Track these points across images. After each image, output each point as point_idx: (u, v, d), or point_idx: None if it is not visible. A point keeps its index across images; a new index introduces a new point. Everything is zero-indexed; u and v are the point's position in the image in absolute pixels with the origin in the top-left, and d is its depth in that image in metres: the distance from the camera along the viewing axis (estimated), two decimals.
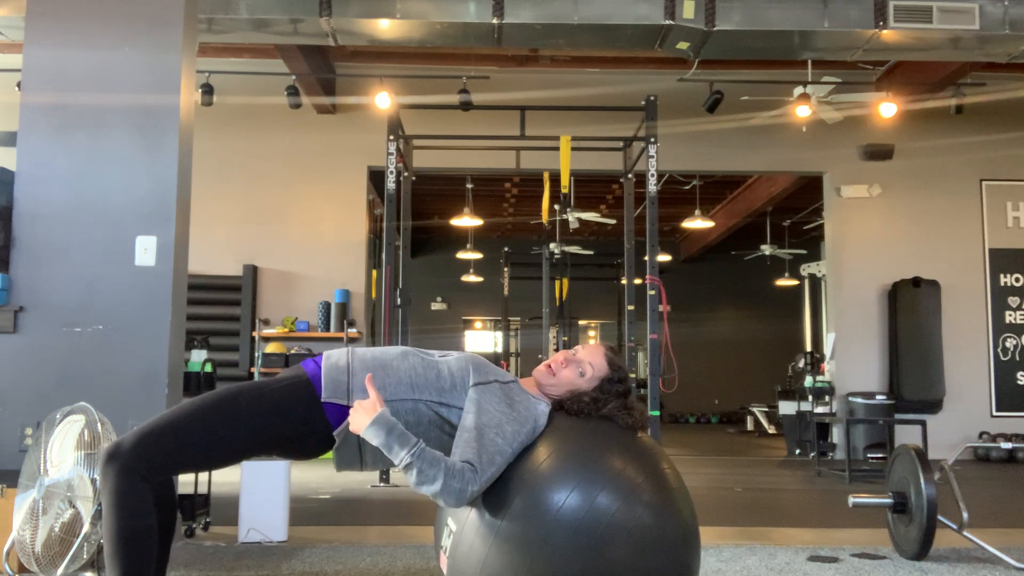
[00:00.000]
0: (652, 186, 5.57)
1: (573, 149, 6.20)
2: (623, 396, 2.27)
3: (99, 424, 2.81)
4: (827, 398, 8.97)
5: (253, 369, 8.60)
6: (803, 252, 13.42)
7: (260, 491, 3.87)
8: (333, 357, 2.25)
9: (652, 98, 5.74)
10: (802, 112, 7.88)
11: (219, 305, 8.83)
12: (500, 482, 2.08)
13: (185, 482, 4.40)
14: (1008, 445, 8.51)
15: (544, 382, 2.29)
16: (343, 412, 2.17)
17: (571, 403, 2.22)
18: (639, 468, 2.06)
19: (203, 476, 4.20)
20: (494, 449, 2.06)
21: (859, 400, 8.79)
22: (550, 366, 2.31)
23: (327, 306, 8.80)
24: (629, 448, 2.11)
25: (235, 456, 2.18)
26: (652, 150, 5.59)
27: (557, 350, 12.51)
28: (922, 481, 3.47)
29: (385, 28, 6.19)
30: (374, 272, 9.40)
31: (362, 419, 2.07)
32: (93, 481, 2.73)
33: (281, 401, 2.16)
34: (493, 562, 2.01)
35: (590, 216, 10.90)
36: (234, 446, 2.13)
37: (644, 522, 1.97)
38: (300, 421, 2.16)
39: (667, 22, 6.01)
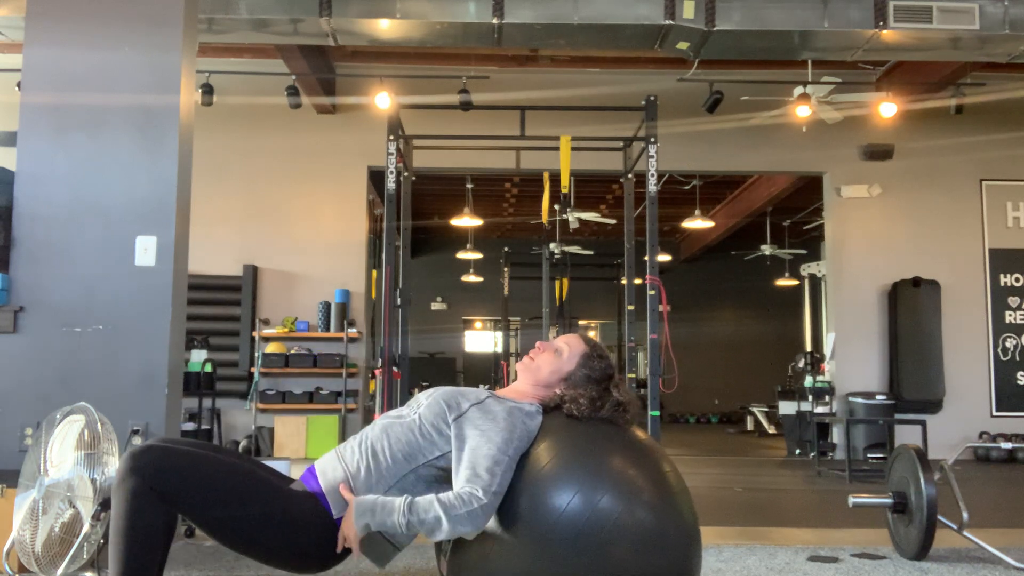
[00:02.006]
0: (652, 186, 5.56)
1: (573, 149, 6.19)
2: (608, 375, 2.29)
3: (99, 424, 2.81)
4: (827, 398, 8.97)
5: (253, 369, 8.61)
6: (803, 252, 13.41)
7: None
8: (328, 473, 2.22)
9: (652, 98, 5.72)
10: (802, 112, 7.87)
11: (219, 305, 8.82)
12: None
13: None
14: (1008, 445, 8.51)
15: (527, 370, 2.35)
16: None
17: (571, 405, 2.22)
18: (641, 470, 2.06)
19: None
20: (489, 462, 2.05)
21: (859, 400, 8.79)
22: (529, 355, 2.39)
23: (327, 306, 8.80)
24: (631, 450, 2.12)
25: (233, 529, 2.13)
26: (652, 150, 5.58)
27: None
28: (922, 481, 3.47)
29: (385, 28, 6.19)
30: (374, 272, 9.40)
31: (349, 522, 2.06)
32: (93, 481, 2.73)
33: (298, 515, 2.15)
34: (495, 563, 2.01)
35: (590, 216, 10.90)
36: (239, 514, 2.10)
37: (646, 524, 1.97)
38: (315, 535, 2.14)
39: (667, 22, 6.01)
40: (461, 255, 13.87)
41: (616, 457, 2.07)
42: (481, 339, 17.18)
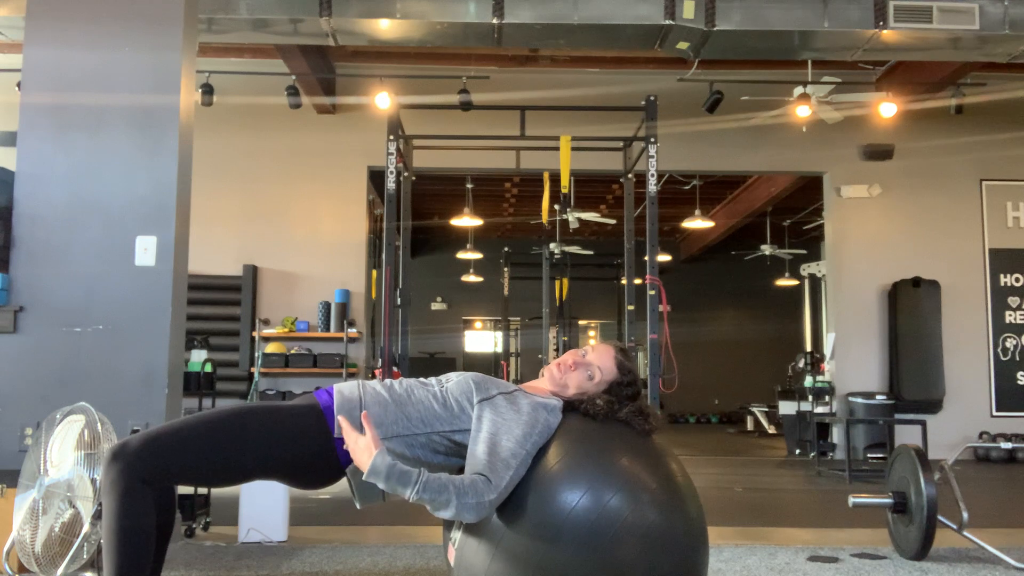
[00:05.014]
0: (652, 186, 5.56)
1: (573, 149, 6.20)
2: (633, 399, 2.27)
3: (99, 424, 2.81)
4: (827, 398, 8.97)
5: (253, 369, 8.61)
6: (803, 252, 13.42)
7: (260, 491, 3.87)
8: (345, 391, 2.24)
9: (652, 98, 5.73)
10: (802, 112, 7.87)
11: (219, 305, 8.83)
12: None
13: None
14: (1008, 445, 8.50)
15: (553, 383, 2.30)
16: None
17: (587, 406, 2.21)
18: (650, 470, 2.06)
19: None
20: (507, 454, 2.05)
21: (859, 400, 8.79)
22: (559, 366, 2.31)
23: (327, 306, 8.80)
24: (640, 450, 2.12)
25: (237, 476, 2.19)
26: (652, 150, 5.59)
27: (557, 351, 12.50)
28: (922, 481, 3.47)
29: (385, 28, 6.19)
30: (374, 272, 9.40)
31: (361, 458, 2.06)
32: (93, 481, 2.73)
33: (293, 429, 2.16)
34: (503, 559, 2.02)
35: (590, 216, 10.90)
36: (238, 465, 2.14)
37: (654, 524, 1.98)
38: (310, 452, 2.17)
39: (667, 22, 6.01)
40: (461, 255, 13.86)
41: (626, 457, 2.07)
42: (481, 339, 17.18)
